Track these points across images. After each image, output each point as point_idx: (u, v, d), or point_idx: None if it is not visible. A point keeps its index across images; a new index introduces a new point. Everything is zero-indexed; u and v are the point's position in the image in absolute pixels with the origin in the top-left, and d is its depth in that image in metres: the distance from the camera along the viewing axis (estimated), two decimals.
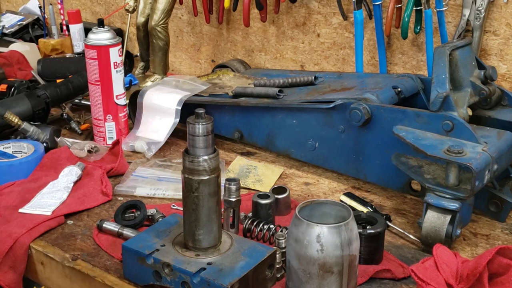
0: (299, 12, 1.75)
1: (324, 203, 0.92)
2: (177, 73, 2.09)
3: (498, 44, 1.45)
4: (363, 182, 1.30)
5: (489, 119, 1.21)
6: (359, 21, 1.52)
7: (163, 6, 1.68)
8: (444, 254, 0.89)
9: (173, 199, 1.24)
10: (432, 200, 1.04)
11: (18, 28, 2.28)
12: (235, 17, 1.90)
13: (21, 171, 1.28)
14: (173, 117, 1.46)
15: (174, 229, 1.00)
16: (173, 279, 0.91)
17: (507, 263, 0.86)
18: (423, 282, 0.85)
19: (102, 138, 1.49)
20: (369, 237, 0.99)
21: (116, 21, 2.26)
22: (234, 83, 1.58)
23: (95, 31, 1.43)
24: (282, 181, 1.32)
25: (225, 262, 0.92)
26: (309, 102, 1.32)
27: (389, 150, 1.19)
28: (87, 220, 1.16)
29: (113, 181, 1.30)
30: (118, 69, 1.45)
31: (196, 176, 0.91)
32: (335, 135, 1.28)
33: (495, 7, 1.43)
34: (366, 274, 0.97)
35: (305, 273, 0.86)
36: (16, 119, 1.38)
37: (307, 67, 1.78)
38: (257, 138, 1.44)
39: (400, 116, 1.16)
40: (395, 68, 1.62)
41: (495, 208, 1.15)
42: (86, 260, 1.04)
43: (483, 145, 1.05)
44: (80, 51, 2.01)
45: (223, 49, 1.97)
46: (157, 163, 1.37)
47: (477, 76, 1.18)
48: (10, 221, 1.12)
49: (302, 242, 0.85)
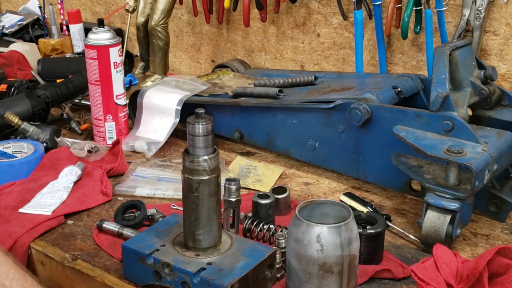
0: (299, 12, 1.75)
1: (324, 203, 0.92)
2: (177, 73, 2.08)
3: (498, 44, 1.45)
4: (363, 182, 1.30)
5: (489, 119, 1.21)
6: (359, 21, 1.52)
7: (163, 6, 1.68)
8: (444, 254, 0.89)
9: (173, 199, 1.24)
10: (432, 200, 1.04)
11: (18, 28, 2.28)
12: (235, 17, 1.90)
13: (21, 171, 1.28)
14: (173, 117, 1.46)
15: (174, 229, 1.00)
16: (173, 279, 0.91)
17: (507, 263, 0.86)
18: (423, 282, 0.85)
19: (102, 138, 1.49)
20: (369, 237, 0.99)
21: (116, 21, 2.25)
22: (234, 83, 1.58)
23: (95, 31, 1.43)
24: (282, 181, 1.32)
25: (225, 262, 0.92)
26: (309, 102, 1.32)
27: (389, 150, 1.19)
28: (87, 220, 1.16)
29: (113, 181, 1.30)
30: (118, 69, 1.45)
31: (196, 176, 0.91)
32: (335, 135, 1.28)
33: (495, 7, 1.43)
34: (366, 274, 0.97)
35: (305, 273, 0.86)
36: (16, 119, 1.38)
37: (307, 67, 1.78)
38: (257, 138, 1.44)
39: (400, 116, 1.16)
40: (395, 68, 1.62)
41: (495, 208, 1.15)
42: (86, 260, 1.04)
43: (483, 145, 1.05)
44: (80, 51, 2.01)
45: (223, 49, 1.97)
46: (157, 163, 1.37)
47: (477, 76, 1.18)
48: (10, 221, 1.12)
49: (302, 242, 0.85)
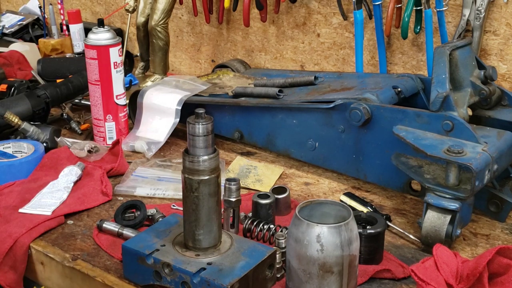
0: (299, 12, 1.75)
1: (324, 203, 0.92)
2: (177, 73, 2.08)
3: (498, 44, 1.45)
4: (363, 182, 1.30)
5: (489, 119, 1.21)
6: (359, 21, 1.52)
7: (163, 6, 1.68)
8: (444, 254, 0.89)
9: (173, 199, 1.24)
10: (432, 200, 1.04)
11: (18, 28, 2.28)
12: (235, 17, 1.90)
13: (21, 171, 1.28)
14: (173, 117, 1.46)
15: (174, 229, 1.00)
16: (173, 279, 0.91)
17: (507, 263, 0.86)
18: (423, 282, 0.85)
19: (102, 138, 1.49)
20: (369, 237, 0.99)
21: (116, 21, 2.26)
22: (234, 83, 1.58)
23: (95, 31, 1.43)
24: (282, 181, 1.32)
25: (225, 262, 0.92)
26: (309, 102, 1.32)
27: (389, 150, 1.19)
28: (87, 220, 1.16)
29: (113, 181, 1.30)
30: (118, 69, 1.45)
31: (196, 176, 0.91)
32: (335, 135, 1.28)
33: (495, 7, 1.43)
34: (366, 274, 0.97)
35: (305, 273, 0.86)
36: (16, 119, 1.38)
37: (307, 67, 1.78)
38: (257, 138, 1.44)
39: (400, 116, 1.16)
40: (395, 68, 1.62)
41: (495, 208, 1.15)
42: (86, 260, 1.04)
43: (483, 145, 1.05)
44: (80, 51, 2.01)
45: (223, 49, 1.97)
46: (157, 163, 1.37)
47: (477, 76, 1.18)
48: (10, 221, 1.12)
49: (302, 242, 0.85)
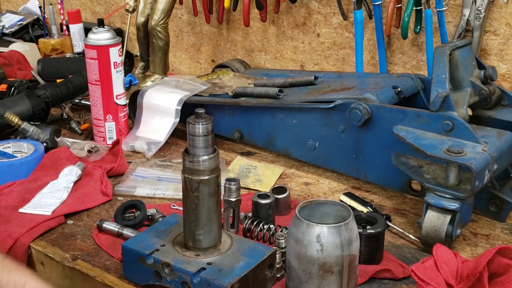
0: (299, 12, 1.75)
1: (324, 203, 0.92)
2: (177, 73, 2.08)
3: (498, 44, 1.45)
4: (363, 182, 1.30)
5: (489, 119, 1.21)
6: (359, 21, 1.52)
7: (163, 6, 1.68)
8: (444, 254, 0.89)
9: (173, 199, 1.24)
10: (432, 200, 1.04)
11: (18, 28, 2.28)
12: (235, 17, 1.90)
13: (21, 171, 1.28)
14: (173, 117, 1.46)
15: (174, 229, 1.00)
16: (173, 279, 0.91)
17: (507, 263, 0.86)
18: (423, 282, 0.85)
19: (102, 138, 1.49)
20: (369, 237, 0.99)
21: (116, 21, 2.25)
22: (234, 83, 1.58)
23: (95, 31, 1.43)
24: (282, 181, 1.32)
25: (225, 262, 0.92)
26: (309, 102, 1.32)
27: (389, 150, 1.19)
28: (87, 220, 1.16)
29: (113, 181, 1.30)
30: (118, 69, 1.45)
31: (196, 176, 0.91)
32: (335, 135, 1.28)
33: (495, 7, 1.43)
34: (366, 274, 0.97)
35: (305, 273, 0.86)
36: (16, 119, 1.38)
37: (307, 67, 1.78)
38: (257, 138, 1.44)
39: (400, 116, 1.16)
40: (395, 68, 1.62)
41: (495, 208, 1.15)
42: (86, 260, 1.04)
43: (483, 145, 1.05)
44: (80, 51, 2.01)
45: (223, 49, 1.97)
46: (157, 163, 1.37)
47: (477, 76, 1.18)
48: (10, 221, 1.12)
49: (302, 242, 0.85)
